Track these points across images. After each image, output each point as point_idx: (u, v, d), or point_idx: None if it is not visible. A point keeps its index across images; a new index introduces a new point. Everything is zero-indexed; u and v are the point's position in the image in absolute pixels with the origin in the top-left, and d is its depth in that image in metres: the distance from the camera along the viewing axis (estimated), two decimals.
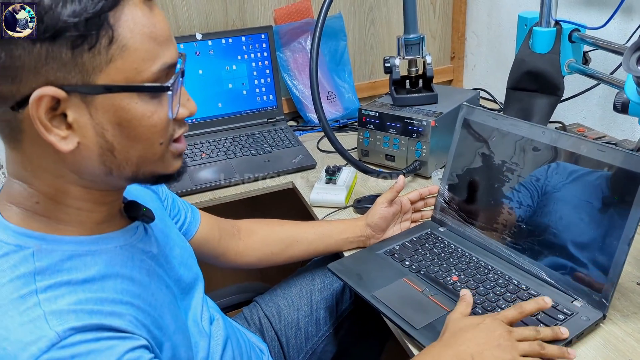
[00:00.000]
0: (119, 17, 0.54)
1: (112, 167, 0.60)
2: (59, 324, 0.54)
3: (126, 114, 0.57)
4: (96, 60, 0.54)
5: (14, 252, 0.58)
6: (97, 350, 0.54)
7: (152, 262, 0.71)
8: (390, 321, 0.88)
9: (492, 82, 1.78)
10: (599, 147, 0.86)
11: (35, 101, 0.53)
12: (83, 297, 0.58)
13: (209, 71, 1.56)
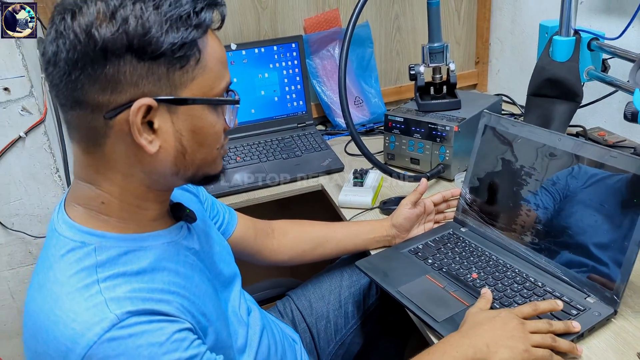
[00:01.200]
0: (205, 43, 0.65)
1: (180, 168, 0.69)
2: (118, 308, 0.62)
3: (199, 122, 0.67)
4: (184, 77, 0.64)
5: (79, 248, 0.67)
6: (149, 331, 0.63)
7: (195, 257, 0.79)
8: (414, 314, 0.95)
9: (516, 87, 1.83)
10: (612, 154, 0.92)
11: (136, 109, 0.62)
12: (137, 286, 0.66)
13: (243, 79, 1.65)
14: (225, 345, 0.79)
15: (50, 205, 1.41)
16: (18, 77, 1.25)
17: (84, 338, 0.60)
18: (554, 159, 1.00)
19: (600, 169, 0.93)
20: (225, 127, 0.72)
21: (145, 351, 0.61)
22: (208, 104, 0.67)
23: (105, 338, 0.60)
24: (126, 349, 0.61)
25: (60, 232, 0.69)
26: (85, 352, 0.59)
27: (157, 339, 0.63)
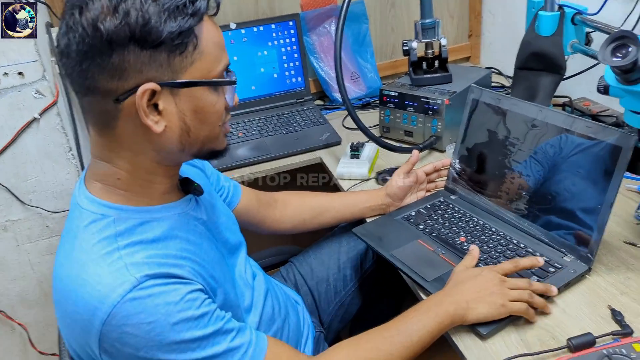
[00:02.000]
0: (201, 29, 0.71)
1: (185, 145, 0.76)
2: (137, 272, 0.70)
3: (200, 102, 0.74)
4: (183, 63, 0.71)
5: (100, 220, 0.75)
6: (165, 292, 0.71)
7: (203, 227, 0.87)
8: (406, 275, 1.04)
9: (508, 59, 1.87)
10: (587, 124, 0.99)
11: (141, 93, 0.69)
12: (153, 252, 0.74)
13: (242, 57, 1.71)
14: (234, 305, 0.87)
15: (65, 182, 1.48)
16: (31, 62, 1.32)
17: (109, 298, 0.68)
18: (538, 130, 1.07)
19: (580, 137, 1.00)
20: (226, 105, 0.78)
21: (162, 309, 0.69)
22: (207, 86, 0.73)
23: (128, 298, 0.68)
24: (146, 307, 0.69)
25: (82, 205, 0.76)
26: (111, 310, 0.67)
27: (173, 299, 0.70)
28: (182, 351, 0.70)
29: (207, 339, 0.72)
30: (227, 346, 0.74)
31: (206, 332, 0.72)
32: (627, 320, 0.88)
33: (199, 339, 0.71)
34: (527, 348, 0.86)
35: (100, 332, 0.68)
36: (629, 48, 0.81)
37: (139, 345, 0.68)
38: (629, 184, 1.20)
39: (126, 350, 0.69)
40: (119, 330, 0.68)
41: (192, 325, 0.71)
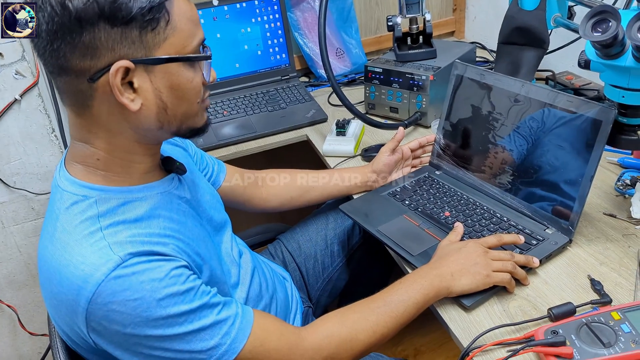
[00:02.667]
0: (172, 5, 0.71)
1: (163, 123, 0.76)
2: (121, 251, 0.71)
3: (176, 79, 0.73)
4: (156, 39, 0.70)
5: (82, 201, 0.75)
6: (150, 269, 0.71)
7: (187, 205, 0.87)
8: (392, 250, 1.06)
9: (491, 33, 1.88)
10: (568, 98, 1.00)
11: (114, 72, 0.68)
12: (136, 232, 0.74)
13: (226, 35, 1.69)
14: (220, 281, 0.88)
15: (49, 163, 1.47)
16: (10, 42, 1.30)
17: (93, 277, 0.68)
18: (521, 105, 1.08)
19: (562, 111, 1.01)
20: (203, 81, 0.77)
21: (147, 285, 0.70)
22: (182, 61, 0.72)
23: (112, 276, 0.68)
24: (131, 285, 0.69)
25: (63, 187, 0.76)
26: (96, 289, 0.68)
27: (157, 275, 0.71)
28: (169, 326, 0.71)
29: (193, 313, 0.73)
30: (214, 319, 0.75)
31: (192, 307, 0.73)
32: (606, 290, 0.90)
33: (185, 313, 0.72)
34: (509, 318, 0.88)
35: (87, 311, 0.69)
36: (609, 23, 0.82)
37: (125, 322, 0.69)
38: (609, 156, 1.23)
39: (113, 328, 0.69)
40: (105, 308, 0.68)
41: (178, 300, 0.72)
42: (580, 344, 0.76)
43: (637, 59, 0.83)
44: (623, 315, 0.79)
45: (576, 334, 0.78)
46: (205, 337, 0.74)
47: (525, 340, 0.81)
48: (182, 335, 0.72)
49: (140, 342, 0.71)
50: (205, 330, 0.74)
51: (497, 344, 0.83)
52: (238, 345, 0.76)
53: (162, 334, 0.71)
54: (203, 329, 0.74)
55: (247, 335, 0.77)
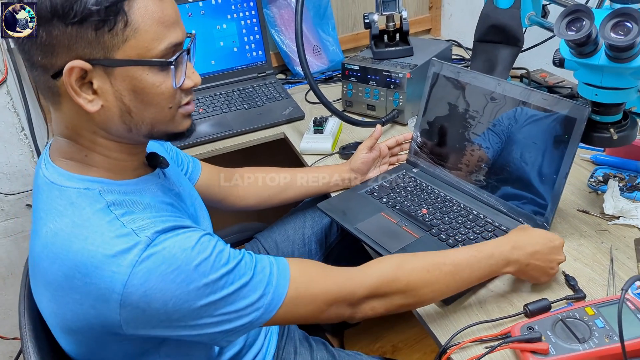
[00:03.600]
0: (132, 5, 0.68)
1: (131, 126, 0.74)
2: (146, 232, 0.69)
3: (139, 83, 0.71)
4: (114, 40, 0.68)
5: (86, 194, 0.72)
6: (179, 240, 0.70)
7: (176, 198, 0.87)
8: (370, 248, 1.05)
9: (467, 30, 1.89)
10: (543, 96, 1.01)
11: (67, 71, 0.67)
12: (151, 214, 0.73)
13: (201, 31, 1.67)
14: None
15: (18, 163, 1.44)
16: None
17: (126, 260, 0.67)
18: (496, 102, 1.09)
19: (537, 109, 1.03)
20: (183, 86, 0.74)
21: (181, 255, 0.69)
22: (140, 65, 0.69)
23: (144, 256, 0.67)
24: (164, 259, 0.68)
25: (60, 183, 0.74)
26: (131, 271, 0.67)
27: (188, 244, 0.70)
28: (212, 292, 0.70)
29: (232, 273, 0.73)
30: (252, 272, 0.75)
31: (229, 267, 0.73)
32: (580, 285, 0.92)
33: (224, 275, 0.72)
34: (486, 315, 0.89)
35: (122, 295, 0.67)
36: (583, 22, 0.83)
37: (166, 298, 0.68)
38: (582, 153, 1.25)
39: (154, 307, 0.68)
40: (142, 288, 0.67)
41: (214, 264, 0.71)
42: (556, 339, 0.77)
43: (610, 58, 0.84)
44: (597, 311, 0.80)
45: (552, 330, 0.79)
46: (249, 292, 0.73)
47: (502, 337, 0.82)
48: (226, 297, 0.71)
49: (185, 315, 0.70)
50: (246, 285, 0.73)
51: (474, 341, 0.84)
52: (282, 290, 0.76)
53: (207, 302, 0.70)
54: (245, 285, 0.73)
55: (288, 279, 0.77)
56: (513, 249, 0.88)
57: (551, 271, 0.91)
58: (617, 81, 0.88)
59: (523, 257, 0.88)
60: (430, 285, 0.84)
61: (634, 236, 1.02)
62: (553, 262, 0.90)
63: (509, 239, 0.91)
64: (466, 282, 0.86)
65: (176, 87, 0.74)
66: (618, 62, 0.84)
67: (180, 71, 0.74)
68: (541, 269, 0.90)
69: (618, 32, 0.80)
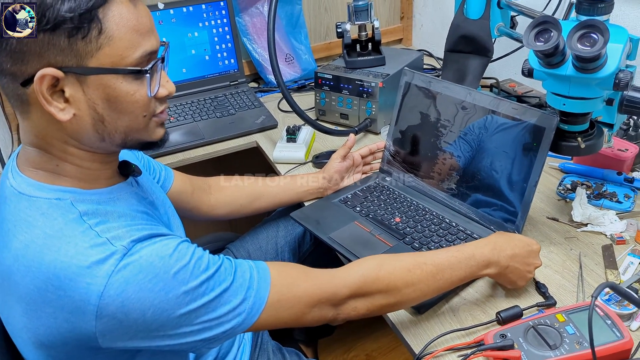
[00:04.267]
0: (107, 12, 0.66)
1: (104, 135, 0.72)
2: (121, 241, 0.67)
3: (113, 91, 0.69)
4: (88, 48, 0.66)
5: (57, 204, 0.70)
6: (156, 248, 0.68)
7: (150, 206, 0.85)
8: (344, 257, 1.05)
9: (438, 40, 1.92)
10: (513, 106, 1.03)
11: (38, 79, 0.65)
12: (126, 223, 0.71)
13: (172, 39, 1.65)
14: None
15: None
16: None
17: (102, 270, 0.65)
18: (467, 111, 1.10)
19: (507, 118, 1.04)
20: (157, 94, 0.73)
21: (159, 263, 0.67)
22: (114, 74, 0.68)
23: (121, 266, 0.66)
24: (142, 268, 0.66)
25: (29, 194, 0.71)
26: (107, 281, 0.65)
27: (166, 252, 0.69)
28: (192, 299, 0.69)
29: (212, 279, 0.71)
30: (232, 277, 0.74)
31: (209, 273, 0.71)
32: (551, 292, 0.93)
33: (205, 281, 0.70)
34: (459, 323, 0.89)
35: (98, 307, 0.65)
36: (550, 33, 0.84)
37: (144, 307, 0.66)
38: (551, 162, 1.27)
39: (132, 317, 0.66)
40: (119, 298, 0.65)
41: (193, 271, 0.70)
42: (528, 346, 0.78)
43: (577, 68, 0.86)
44: (567, 317, 0.81)
45: (524, 337, 0.79)
46: (230, 298, 0.72)
47: (475, 345, 0.82)
48: (207, 304, 0.70)
49: (164, 324, 0.68)
50: (227, 291, 0.72)
51: (447, 350, 0.84)
52: (263, 294, 0.75)
53: (187, 310, 0.69)
54: (225, 291, 0.72)
55: (269, 282, 0.76)
56: (493, 251, 0.89)
57: (528, 275, 0.92)
58: (584, 91, 0.90)
59: (503, 260, 0.89)
60: (412, 285, 0.84)
61: (602, 243, 1.04)
62: (530, 265, 0.92)
63: (490, 240, 0.92)
64: (447, 282, 0.86)
65: (151, 96, 0.73)
66: (585, 73, 0.86)
67: (155, 80, 0.73)
68: (519, 273, 0.91)
69: (584, 43, 0.82)
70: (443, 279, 0.86)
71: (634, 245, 1.03)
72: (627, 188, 1.16)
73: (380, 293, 0.83)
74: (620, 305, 0.87)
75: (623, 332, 0.77)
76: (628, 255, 1.00)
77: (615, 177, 1.18)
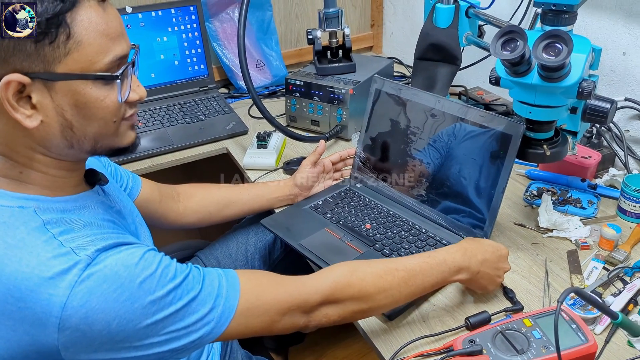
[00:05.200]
0: (75, 17, 0.65)
1: (72, 142, 0.70)
2: (86, 250, 0.65)
3: (82, 97, 0.67)
4: (55, 53, 0.64)
5: (19, 212, 0.68)
6: (121, 257, 0.66)
7: (118, 215, 0.83)
8: (314, 264, 1.04)
9: (408, 48, 1.94)
10: (481, 113, 1.04)
11: (4, 85, 0.63)
12: (91, 232, 0.69)
13: (140, 43, 1.55)
14: None
15: None
16: None
17: (64, 282, 0.63)
18: (436, 119, 1.11)
19: (475, 126, 1.05)
20: (118, 101, 0.71)
21: (124, 273, 0.65)
22: (80, 79, 0.66)
23: (85, 276, 0.63)
24: (106, 278, 0.64)
25: None
26: (69, 292, 0.62)
27: (131, 261, 0.67)
28: (159, 309, 0.67)
29: (179, 287, 0.69)
30: (200, 285, 0.72)
31: (177, 282, 0.69)
32: (518, 297, 0.94)
33: (172, 290, 0.68)
34: (429, 329, 0.90)
35: (60, 318, 0.62)
36: (517, 42, 0.86)
37: (109, 318, 0.64)
38: (518, 168, 1.29)
39: (96, 329, 0.64)
40: (83, 309, 0.63)
41: (160, 280, 0.68)
42: (496, 351, 0.79)
43: (543, 77, 0.88)
44: (534, 322, 0.82)
45: (492, 342, 0.80)
46: (198, 307, 0.71)
47: (445, 351, 0.83)
48: (174, 313, 0.68)
49: (130, 335, 0.66)
50: (195, 300, 0.71)
51: (417, 356, 0.84)
52: (232, 302, 0.73)
53: (153, 320, 0.67)
54: (193, 300, 0.70)
55: (239, 290, 0.74)
56: (464, 256, 0.90)
57: (498, 279, 0.93)
58: (549, 100, 0.92)
59: (474, 265, 0.90)
60: (384, 291, 0.83)
61: (567, 248, 1.06)
62: (500, 270, 0.93)
63: (461, 246, 0.92)
64: (419, 288, 0.86)
65: (122, 102, 0.71)
66: (550, 82, 0.88)
67: (126, 85, 0.71)
68: (490, 277, 0.92)
69: (549, 52, 0.84)
70: (415, 284, 0.86)
71: (597, 250, 1.05)
72: (591, 194, 1.19)
73: (352, 299, 0.82)
74: (584, 310, 0.88)
75: (588, 336, 0.79)
76: (592, 260, 1.02)
77: (579, 183, 1.21)
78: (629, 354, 0.84)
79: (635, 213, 1.11)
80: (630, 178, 1.13)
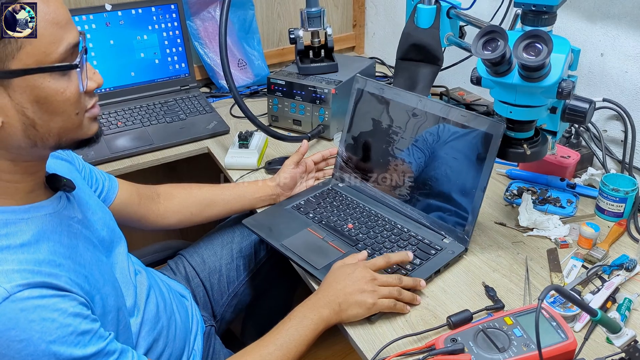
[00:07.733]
0: None
1: (36, 140, 0.68)
2: (7, 282, 0.62)
3: (41, 92, 0.65)
4: (7, 49, 0.61)
5: None
6: (42, 306, 0.63)
7: (79, 225, 0.80)
8: (297, 264, 1.04)
9: (389, 49, 1.95)
10: (462, 113, 1.05)
11: None
12: (23, 258, 0.66)
13: (120, 41, 1.60)
14: (114, 309, 0.80)
15: None
16: None
17: None
18: (418, 119, 1.12)
19: (456, 126, 1.06)
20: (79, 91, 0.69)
21: (37, 326, 0.62)
22: (37, 73, 0.64)
23: None
24: (18, 323, 0.61)
25: None
26: None
27: (50, 315, 0.64)
28: None
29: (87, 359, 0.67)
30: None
31: (86, 352, 0.67)
32: (499, 296, 0.95)
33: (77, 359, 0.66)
34: (411, 328, 0.90)
35: None
36: (497, 42, 0.86)
37: None
38: (498, 168, 1.30)
39: None
40: None
41: (71, 344, 0.65)
42: (478, 350, 0.79)
43: (523, 77, 0.89)
44: (515, 320, 0.83)
45: (474, 341, 0.80)
46: None
47: (427, 350, 0.83)
48: None
49: None
50: None
51: (400, 355, 0.84)
52: None
53: None
54: None
55: None
56: (318, 298, 0.90)
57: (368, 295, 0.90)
58: (529, 99, 0.93)
59: (331, 296, 0.89)
60: None
61: (547, 247, 1.07)
62: (360, 281, 0.91)
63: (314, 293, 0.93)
64: (298, 353, 0.86)
65: (83, 90, 0.69)
66: (530, 81, 0.89)
67: (84, 73, 0.69)
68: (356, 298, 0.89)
69: (530, 52, 0.85)
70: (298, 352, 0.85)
71: (576, 248, 1.07)
72: (570, 194, 1.21)
73: None
74: (564, 307, 0.89)
75: (567, 334, 0.79)
76: (571, 259, 1.04)
77: (558, 183, 1.22)
78: (607, 350, 0.85)
79: (613, 212, 1.13)
80: (608, 177, 1.15)
